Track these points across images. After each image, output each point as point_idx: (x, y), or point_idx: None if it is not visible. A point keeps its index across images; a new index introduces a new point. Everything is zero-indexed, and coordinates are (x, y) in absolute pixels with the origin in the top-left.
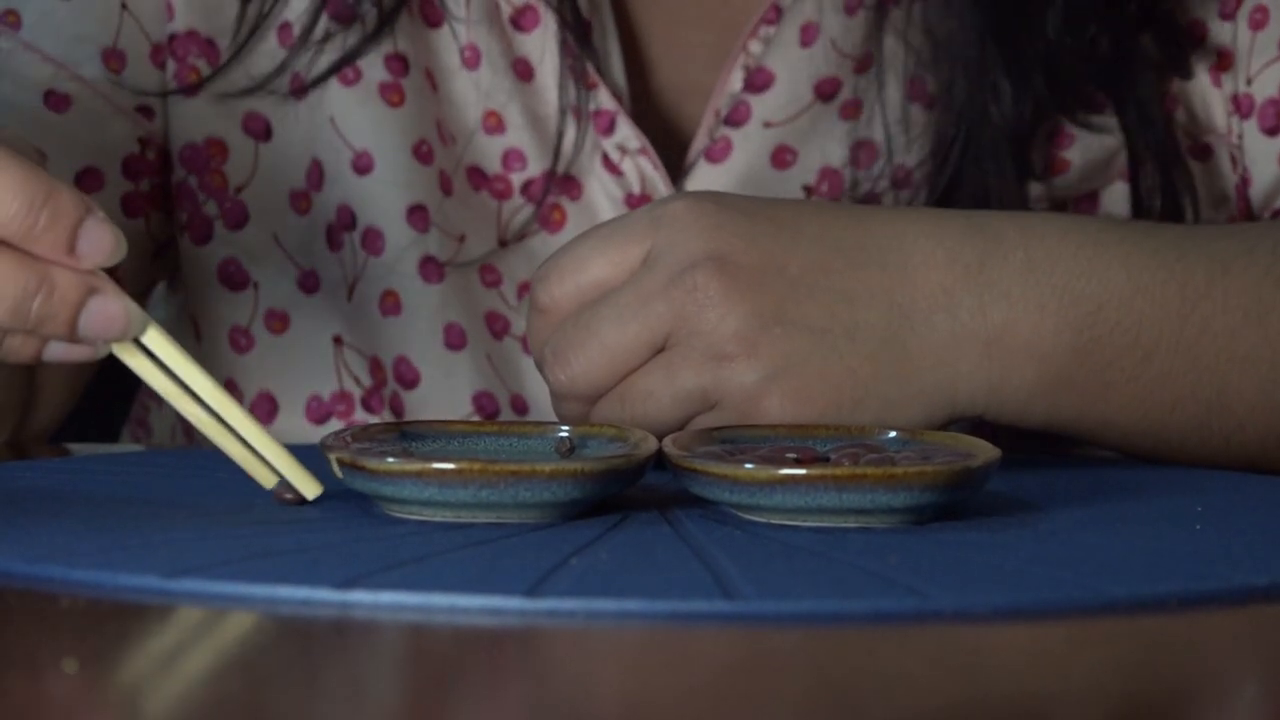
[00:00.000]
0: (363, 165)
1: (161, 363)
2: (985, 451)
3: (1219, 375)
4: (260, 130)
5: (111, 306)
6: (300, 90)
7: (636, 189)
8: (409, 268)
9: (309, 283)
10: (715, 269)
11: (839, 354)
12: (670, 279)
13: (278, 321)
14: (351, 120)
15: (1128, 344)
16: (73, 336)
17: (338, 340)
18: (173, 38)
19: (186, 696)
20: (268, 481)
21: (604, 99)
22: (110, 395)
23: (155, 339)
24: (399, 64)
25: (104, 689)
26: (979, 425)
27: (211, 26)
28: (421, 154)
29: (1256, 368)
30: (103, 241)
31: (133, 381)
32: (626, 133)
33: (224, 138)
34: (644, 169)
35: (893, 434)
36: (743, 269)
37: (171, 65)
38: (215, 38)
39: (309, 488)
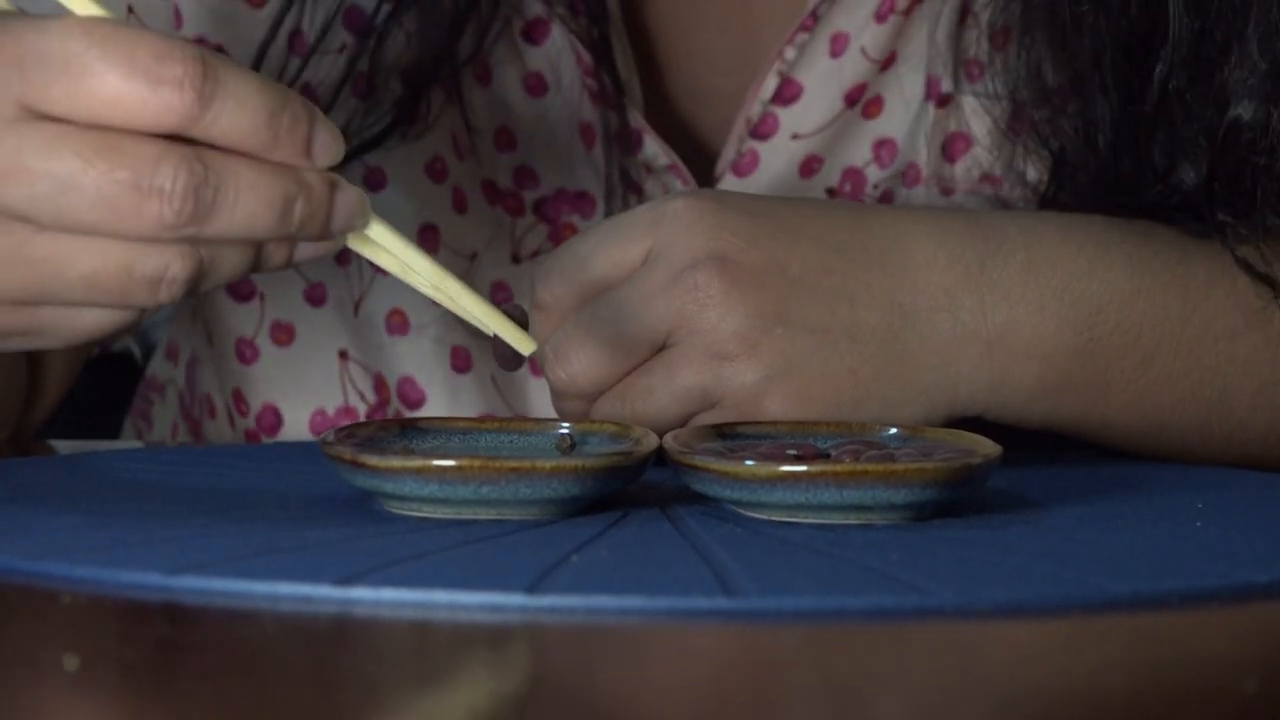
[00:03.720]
0: (375, 182)
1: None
2: (986, 448)
3: (1220, 376)
4: None
5: (352, 196)
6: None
7: None
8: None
9: (316, 295)
10: (716, 268)
11: (840, 354)
12: (671, 278)
13: (283, 334)
14: None
15: (1128, 345)
16: (325, 234)
17: (343, 355)
18: None
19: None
20: (491, 328)
21: (630, 116)
22: (109, 392)
23: (378, 230)
24: None
25: (106, 687)
26: (981, 423)
27: (221, 34)
28: (435, 171)
29: (1257, 369)
30: (331, 141)
31: (131, 376)
32: (655, 150)
33: None
34: (671, 186)
35: (893, 430)
36: (744, 269)
37: None
38: (225, 46)
39: (524, 345)
